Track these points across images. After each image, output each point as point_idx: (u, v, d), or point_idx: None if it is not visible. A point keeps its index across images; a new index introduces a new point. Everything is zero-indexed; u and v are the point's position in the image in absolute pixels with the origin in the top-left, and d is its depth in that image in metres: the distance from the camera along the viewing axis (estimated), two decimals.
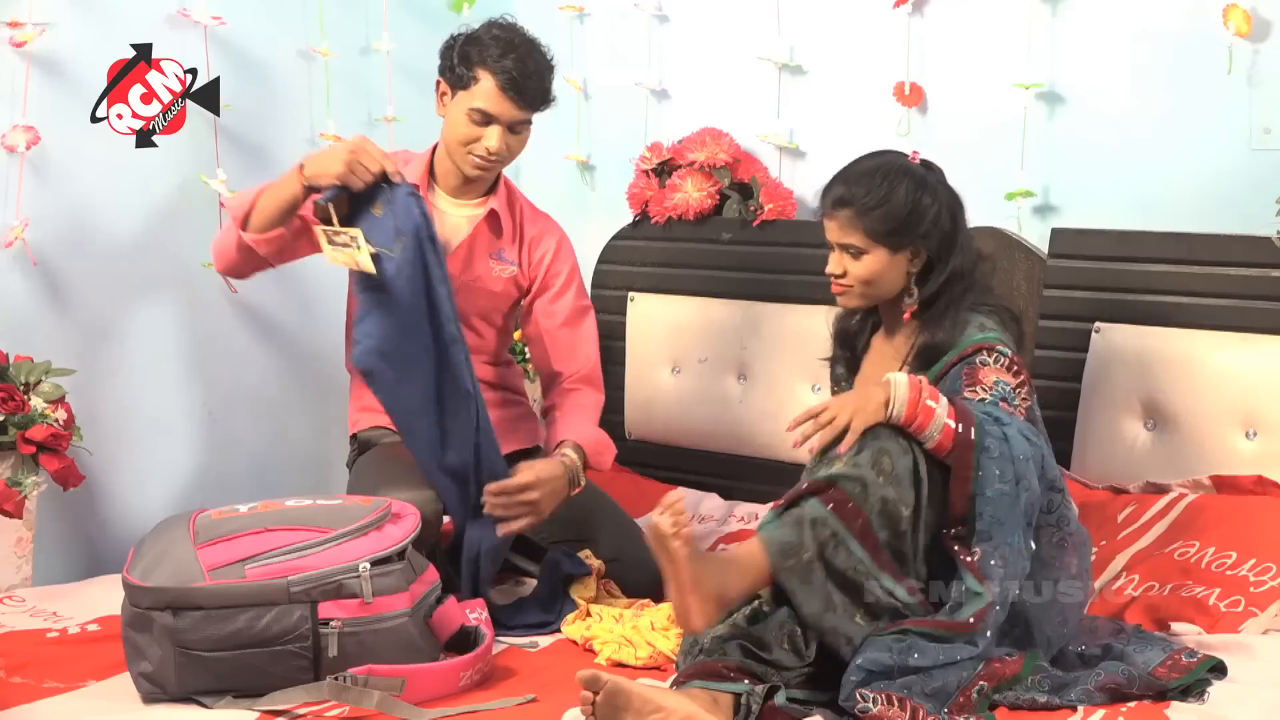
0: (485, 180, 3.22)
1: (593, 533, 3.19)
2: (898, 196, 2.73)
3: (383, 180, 2.93)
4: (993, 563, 2.43)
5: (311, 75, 3.90)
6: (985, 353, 2.64)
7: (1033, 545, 2.49)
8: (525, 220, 3.31)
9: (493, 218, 3.24)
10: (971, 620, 2.41)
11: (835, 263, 2.79)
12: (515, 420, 3.37)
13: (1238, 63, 3.12)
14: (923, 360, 2.73)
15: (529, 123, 3.16)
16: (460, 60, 3.10)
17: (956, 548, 2.46)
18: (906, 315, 2.78)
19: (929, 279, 2.75)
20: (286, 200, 3.02)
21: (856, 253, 2.75)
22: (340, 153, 2.93)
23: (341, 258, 2.93)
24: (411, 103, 3.99)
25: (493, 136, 3.10)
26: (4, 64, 3.32)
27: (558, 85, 3.21)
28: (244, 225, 3.06)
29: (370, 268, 2.87)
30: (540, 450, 3.34)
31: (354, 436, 3.32)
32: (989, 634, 2.43)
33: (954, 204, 2.79)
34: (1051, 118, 3.40)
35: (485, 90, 3.08)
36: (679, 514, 2.38)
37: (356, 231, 2.89)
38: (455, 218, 3.24)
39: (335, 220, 2.91)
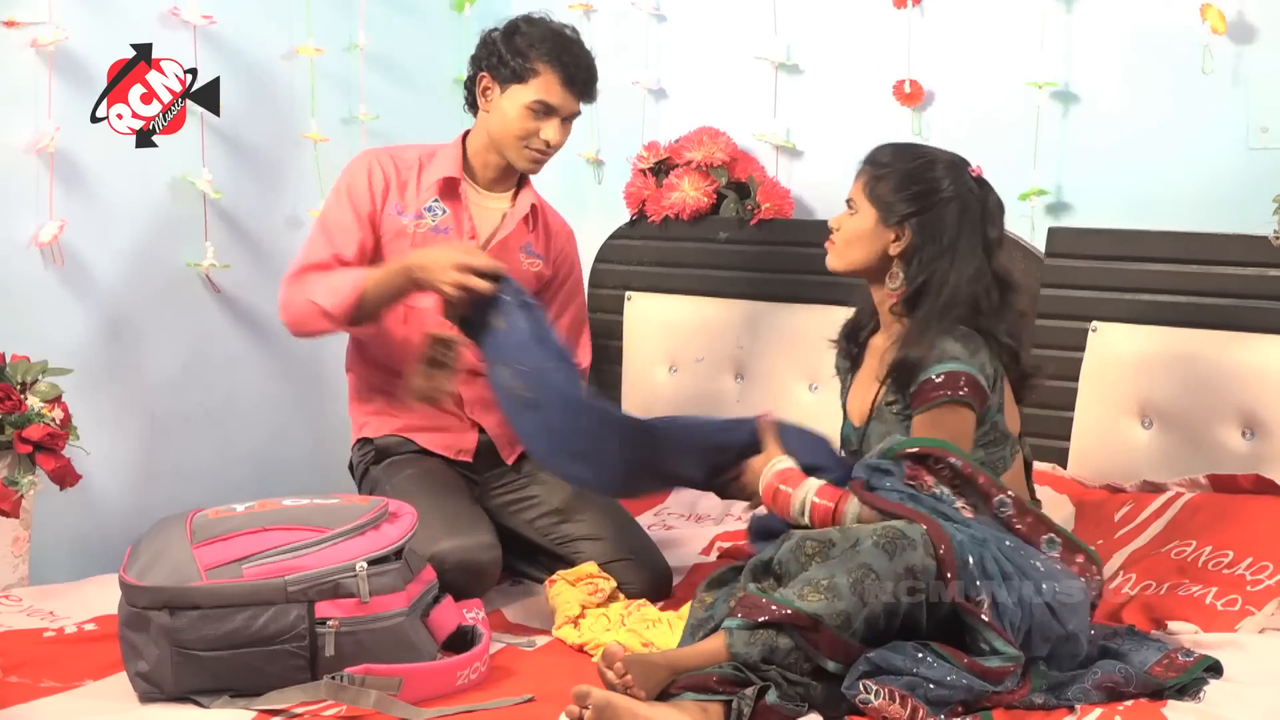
0: (528, 172, 3.22)
1: (596, 531, 3.19)
2: (912, 168, 2.69)
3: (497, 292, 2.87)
4: (1001, 608, 2.40)
5: (295, 74, 3.89)
6: (934, 460, 2.52)
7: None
8: (547, 214, 3.33)
9: (533, 212, 3.26)
10: (996, 668, 2.38)
11: (836, 217, 2.77)
12: None
13: (1234, 62, 3.13)
14: (896, 381, 2.67)
15: (579, 114, 3.18)
16: (512, 53, 3.10)
17: (964, 603, 2.41)
18: (893, 299, 2.71)
19: (910, 270, 2.68)
20: (397, 297, 3.04)
21: (853, 210, 2.73)
22: (445, 271, 2.86)
23: (425, 389, 2.97)
24: (391, 100, 3.99)
25: (552, 129, 3.11)
26: (14, 64, 3.33)
27: None
28: (349, 320, 3.04)
29: (446, 394, 2.94)
30: None
31: (368, 440, 3.26)
32: (1010, 681, 2.41)
33: (972, 212, 2.67)
34: (1050, 117, 3.40)
35: (547, 83, 3.09)
36: (621, 674, 2.36)
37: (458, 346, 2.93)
38: (490, 211, 3.24)
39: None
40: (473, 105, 3.22)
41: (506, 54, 3.10)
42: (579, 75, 3.11)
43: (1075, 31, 3.36)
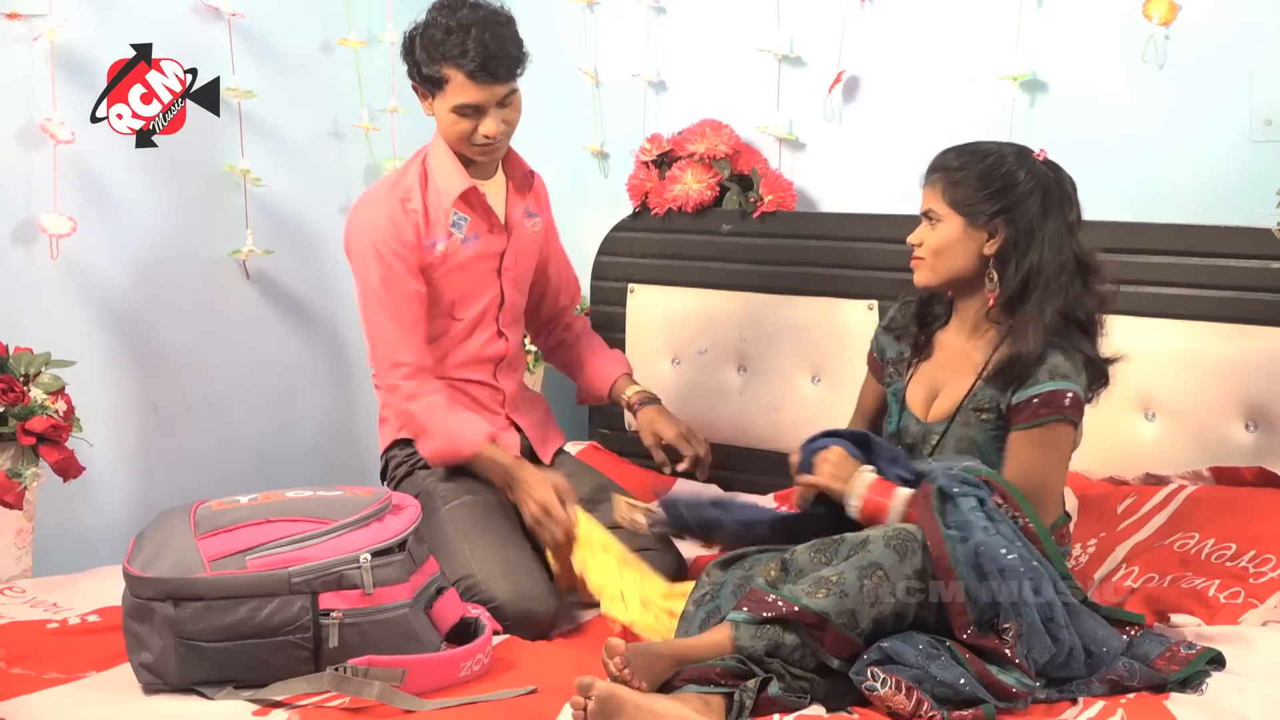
0: (486, 163, 3.19)
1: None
2: (986, 166, 2.67)
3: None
4: (1024, 640, 2.40)
5: (331, 65, 3.90)
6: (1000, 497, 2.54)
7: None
8: (528, 168, 3.31)
9: (526, 182, 3.27)
10: (1009, 687, 2.38)
11: (916, 233, 2.74)
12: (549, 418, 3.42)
13: (1238, 56, 3.13)
14: (1002, 377, 2.66)
15: (515, 90, 3.10)
16: (424, 62, 3.05)
17: (985, 641, 2.41)
18: (990, 302, 2.69)
19: (1007, 269, 2.67)
20: (493, 482, 3.11)
21: (934, 220, 2.71)
22: (527, 505, 3.01)
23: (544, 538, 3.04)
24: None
25: (487, 123, 3.07)
26: (24, 58, 3.34)
27: (569, 76, 3.19)
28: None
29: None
30: (563, 450, 3.40)
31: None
32: (1019, 704, 2.41)
33: (1053, 198, 2.67)
34: (1051, 110, 3.40)
35: (459, 86, 3.02)
36: (620, 668, 2.37)
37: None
38: (494, 196, 3.23)
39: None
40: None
41: (421, 63, 3.06)
42: (485, 65, 3.00)
43: (1075, 24, 3.35)
